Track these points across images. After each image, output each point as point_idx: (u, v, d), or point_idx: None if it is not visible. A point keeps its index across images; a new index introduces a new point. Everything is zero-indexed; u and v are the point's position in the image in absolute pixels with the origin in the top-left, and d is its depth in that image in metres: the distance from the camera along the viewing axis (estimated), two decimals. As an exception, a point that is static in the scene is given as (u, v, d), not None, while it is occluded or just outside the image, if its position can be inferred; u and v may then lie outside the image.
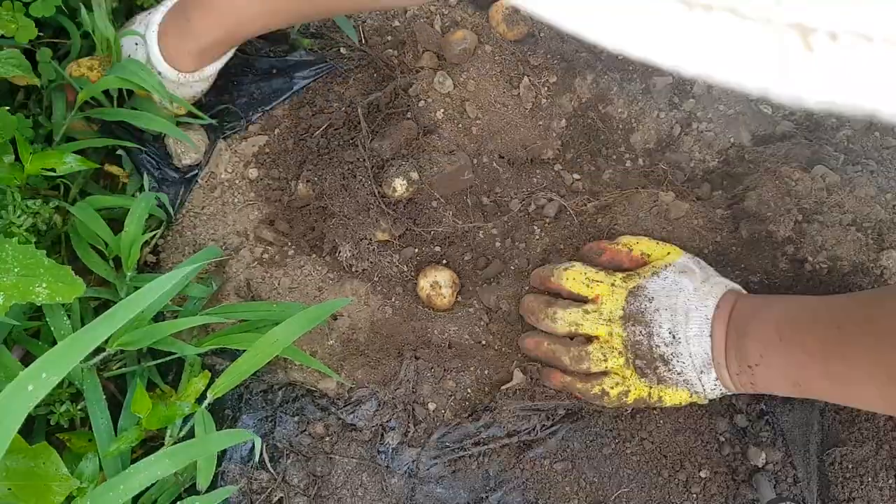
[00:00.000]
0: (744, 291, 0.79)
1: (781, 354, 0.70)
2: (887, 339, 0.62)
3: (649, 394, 0.77)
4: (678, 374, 0.75)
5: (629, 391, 0.77)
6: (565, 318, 0.79)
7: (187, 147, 0.89)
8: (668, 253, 0.81)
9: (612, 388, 0.77)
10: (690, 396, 0.77)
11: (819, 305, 0.72)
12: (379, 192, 0.89)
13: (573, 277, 0.80)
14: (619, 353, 0.77)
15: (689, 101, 0.96)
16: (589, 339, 0.78)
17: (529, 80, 0.95)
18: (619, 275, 0.80)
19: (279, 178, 0.91)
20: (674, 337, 0.74)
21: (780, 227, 0.84)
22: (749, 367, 0.72)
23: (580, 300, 0.80)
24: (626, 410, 0.80)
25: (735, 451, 0.79)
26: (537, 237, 0.90)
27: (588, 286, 0.79)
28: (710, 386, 0.75)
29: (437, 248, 0.91)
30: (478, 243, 0.92)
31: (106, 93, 0.86)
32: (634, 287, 0.78)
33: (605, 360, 0.77)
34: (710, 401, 0.79)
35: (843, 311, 0.69)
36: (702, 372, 0.74)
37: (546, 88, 0.96)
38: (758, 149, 0.92)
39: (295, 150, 0.92)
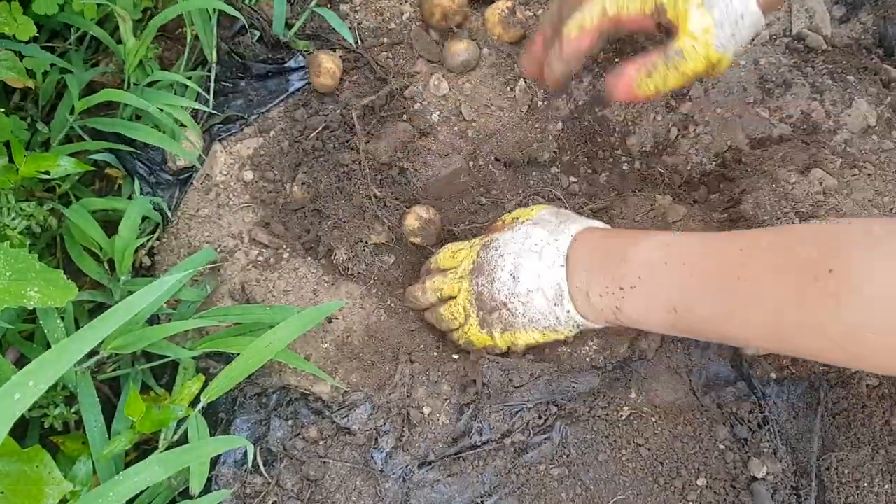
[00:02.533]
0: (602, 226, 0.80)
1: (664, 276, 0.69)
2: (796, 262, 0.60)
3: (502, 340, 0.81)
4: (522, 314, 0.78)
5: (477, 341, 0.83)
6: (430, 287, 0.85)
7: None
8: (533, 210, 0.84)
9: (471, 339, 0.83)
10: (543, 335, 0.79)
11: (717, 234, 0.72)
12: (374, 195, 0.88)
13: (442, 256, 0.87)
14: (464, 307, 0.82)
15: (686, 104, 0.96)
16: (449, 301, 0.84)
17: (526, 83, 0.95)
18: (481, 237, 0.85)
19: (274, 181, 0.91)
20: (514, 278, 0.77)
21: None
22: (621, 288, 0.71)
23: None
24: (622, 416, 0.79)
25: (736, 458, 0.79)
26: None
27: (453, 257, 0.86)
28: (564, 317, 0.76)
29: (432, 249, 0.91)
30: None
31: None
32: (488, 241, 0.82)
33: (455, 318, 0.83)
34: (574, 336, 0.80)
35: (746, 237, 0.67)
36: (555, 304, 0.76)
37: (542, 91, 0.96)
38: (755, 152, 0.92)
39: (290, 152, 0.92)
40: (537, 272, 0.76)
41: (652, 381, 0.81)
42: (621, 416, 0.79)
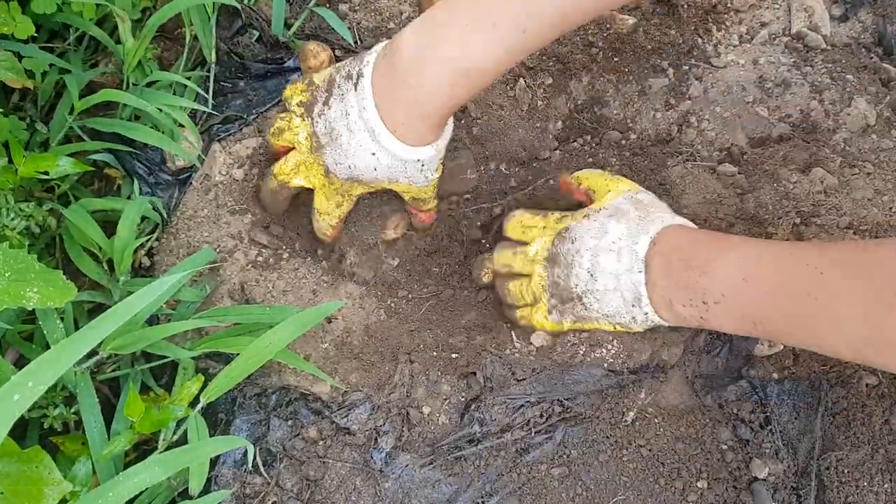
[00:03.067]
0: (692, 225, 0.80)
1: (744, 294, 0.70)
2: (876, 277, 0.62)
3: (566, 328, 0.82)
4: (597, 310, 0.79)
5: (542, 326, 0.84)
6: (499, 260, 0.87)
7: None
8: (609, 191, 0.83)
9: (537, 324, 0.84)
10: (616, 328, 0.80)
11: (789, 247, 0.72)
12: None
13: (512, 226, 0.87)
14: (535, 291, 0.83)
15: (686, 103, 0.96)
16: (519, 277, 0.85)
17: (525, 83, 0.95)
18: (555, 216, 0.85)
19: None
20: (591, 276, 0.78)
21: (778, 229, 0.84)
22: (705, 302, 0.73)
23: (521, 244, 0.86)
24: (627, 419, 0.79)
25: (737, 459, 0.79)
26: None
27: (523, 232, 0.86)
28: (641, 318, 0.77)
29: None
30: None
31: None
32: (563, 229, 0.82)
33: (523, 298, 0.85)
34: (647, 330, 0.80)
35: (814, 251, 0.69)
36: (633, 305, 0.77)
37: (542, 90, 0.96)
38: (755, 151, 0.92)
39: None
40: (615, 273, 0.77)
41: (664, 384, 0.81)
42: (626, 419, 0.79)
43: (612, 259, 0.77)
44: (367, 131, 0.75)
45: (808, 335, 0.68)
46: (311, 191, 0.86)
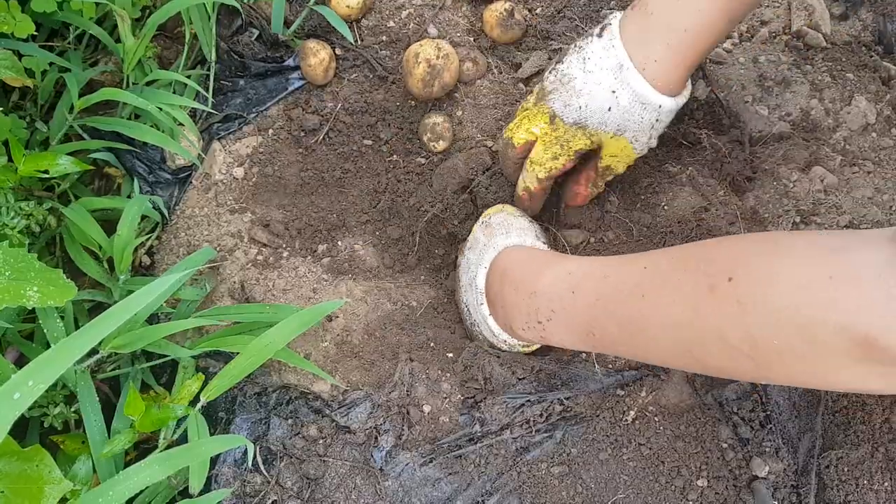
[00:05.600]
0: (528, 244, 0.82)
1: (573, 305, 0.71)
2: (701, 267, 0.61)
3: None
4: (484, 340, 0.84)
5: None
6: None
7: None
8: (480, 220, 0.88)
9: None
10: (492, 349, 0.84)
11: (619, 257, 0.74)
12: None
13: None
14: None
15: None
16: None
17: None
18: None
19: (273, 178, 0.91)
20: (468, 311, 0.86)
21: (778, 228, 0.84)
22: (539, 322, 0.74)
23: None
24: (628, 418, 0.79)
25: (737, 457, 0.79)
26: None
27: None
28: (506, 345, 0.82)
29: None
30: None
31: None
32: (457, 265, 0.91)
33: None
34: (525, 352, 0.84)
35: (648, 257, 0.68)
36: (493, 335, 0.82)
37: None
38: (755, 149, 0.92)
39: (290, 150, 0.92)
40: (473, 307, 0.83)
41: (664, 383, 0.81)
42: (626, 417, 0.79)
43: (471, 294, 0.84)
44: (609, 70, 0.75)
45: (640, 340, 0.67)
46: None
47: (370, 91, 0.95)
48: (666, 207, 0.88)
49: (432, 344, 0.84)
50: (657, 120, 0.77)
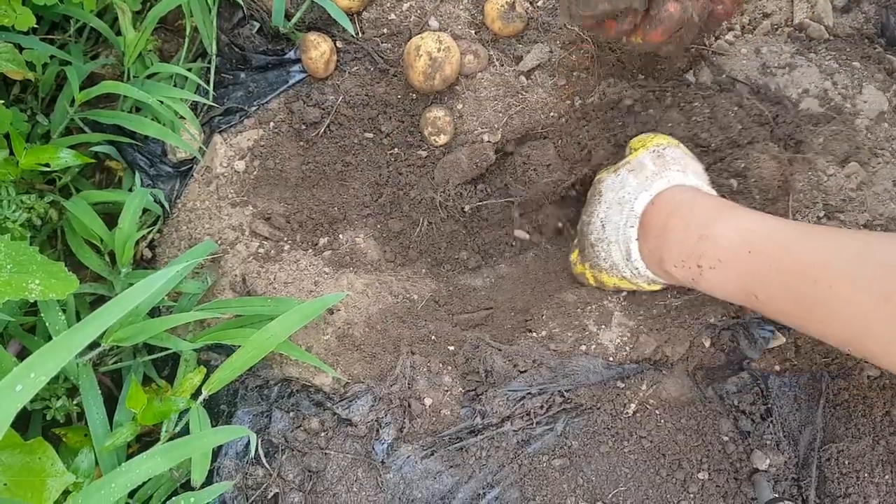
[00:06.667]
0: (705, 189, 0.80)
1: (746, 265, 0.70)
2: (872, 277, 0.61)
3: (591, 276, 0.87)
4: (604, 259, 0.83)
5: (574, 266, 0.90)
6: None
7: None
8: (642, 146, 0.85)
9: (571, 259, 0.91)
10: (620, 281, 0.84)
11: (800, 228, 0.71)
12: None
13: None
14: (575, 238, 0.89)
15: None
16: None
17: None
18: (605, 169, 0.89)
19: (275, 171, 0.91)
20: (602, 226, 0.83)
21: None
22: (699, 266, 0.73)
23: None
24: (628, 411, 0.80)
25: (738, 450, 0.79)
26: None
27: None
28: (634, 272, 0.81)
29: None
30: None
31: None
32: (597, 180, 0.88)
33: (570, 244, 0.91)
34: (653, 292, 0.84)
35: (830, 238, 0.67)
36: (627, 259, 0.81)
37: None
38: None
39: (291, 143, 0.92)
40: (618, 226, 0.81)
41: (665, 376, 0.81)
42: (628, 410, 0.80)
43: (617, 211, 0.81)
44: None
45: (813, 320, 0.67)
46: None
47: (371, 84, 0.95)
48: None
49: (433, 337, 0.84)
50: None
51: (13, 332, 0.77)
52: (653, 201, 0.79)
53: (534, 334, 0.84)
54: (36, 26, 0.83)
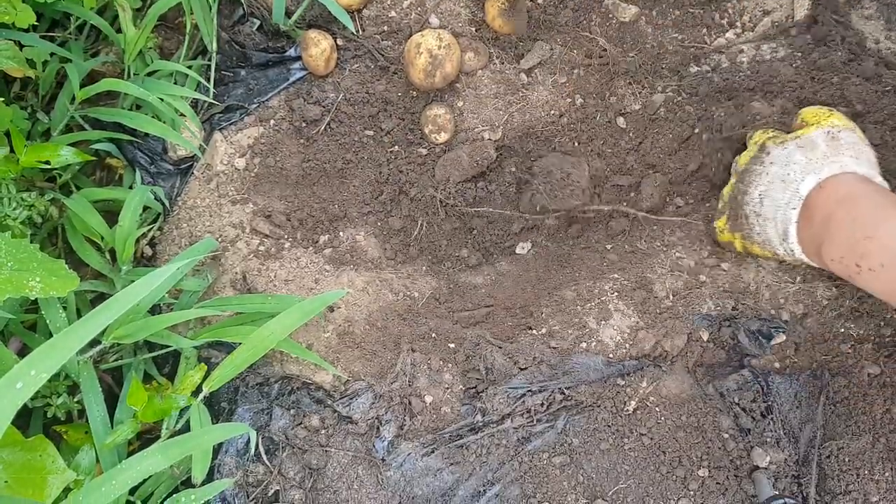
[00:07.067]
0: (878, 180, 0.76)
1: None
2: None
3: (740, 245, 0.85)
4: (757, 234, 0.81)
5: (721, 233, 0.86)
6: (739, 161, 0.87)
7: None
8: (815, 123, 0.81)
9: (717, 226, 0.87)
10: (773, 256, 0.82)
11: None
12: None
13: (751, 136, 0.87)
14: (725, 201, 0.86)
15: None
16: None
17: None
18: (769, 133, 0.84)
19: (275, 169, 0.91)
20: (760, 201, 0.80)
21: None
22: (858, 265, 0.70)
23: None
24: (628, 409, 0.80)
25: (739, 447, 0.79)
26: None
27: (753, 140, 0.86)
28: (786, 252, 0.79)
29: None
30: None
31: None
32: (760, 148, 0.83)
33: (719, 203, 0.87)
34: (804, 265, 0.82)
35: None
36: (783, 239, 0.78)
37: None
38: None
39: (292, 140, 0.92)
40: (777, 203, 0.78)
41: (666, 373, 0.81)
42: (628, 407, 0.80)
43: (779, 189, 0.78)
44: None
45: None
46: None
47: (371, 81, 0.95)
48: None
49: (434, 334, 0.84)
50: None
51: (14, 330, 0.77)
52: (821, 185, 0.75)
53: (534, 332, 0.84)
54: (36, 24, 0.83)
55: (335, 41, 0.95)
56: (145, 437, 0.80)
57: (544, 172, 0.93)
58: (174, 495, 0.65)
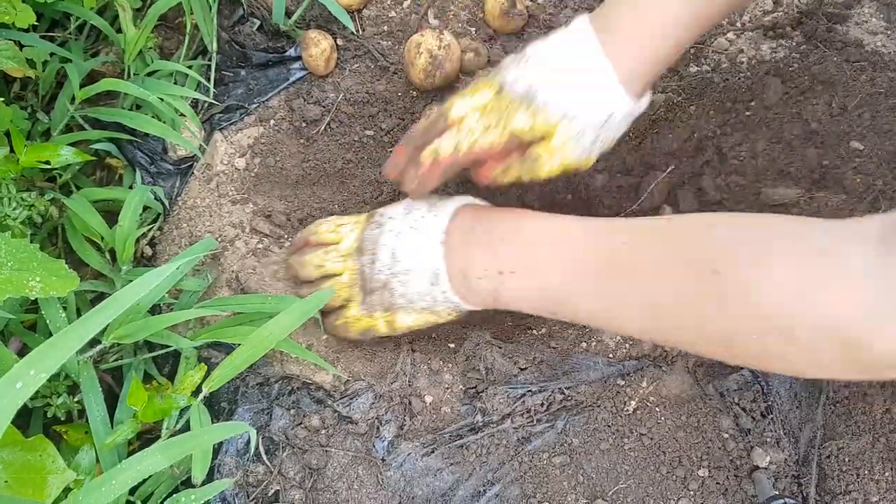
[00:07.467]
0: (485, 204, 0.78)
1: (546, 265, 0.68)
2: (678, 260, 0.59)
3: (384, 324, 0.78)
4: (401, 295, 0.75)
5: (357, 322, 0.78)
6: (311, 262, 0.80)
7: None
8: (361, 222, 0.80)
9: (348, 322, 0.79)
10: (420, 316, 0.77)
11: (600, 224, 0.68)
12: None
13: (323, 229, 0.81)
14: (349, 286, 0.78)
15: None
16: (332, 278, 0.79)
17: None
18: (366, 215, 0.81)
19: (275, 169, 0.91)
20: (393, 257, 0.74)
21: None
22: (500, 273, 0.70)
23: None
24: (629, 409, 0.80)
25: (738, 447, 0.79)
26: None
27: (334, 231, 0.80)
28: (441, 298, 0.74)
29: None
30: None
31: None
32: (370, 216, 0.79)
33: (338, 296, 0.78)
34: (450, 320, 0.78)
35: (628, 229, 0.65)
36: (433, 284, 0.74)
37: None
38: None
39: (292, 140, 0.92)
40: (415, 249, 0.74)
41: (666, 373, 0.81)
42: (628, 407, 0.80)
43: (412, 236, 0.74)
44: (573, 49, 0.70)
45: (614, 314, 0.65)
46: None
47: (372, 81, 0.95)
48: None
49: (433, 334, 0.84)
50: (611, 115, 0.71)
51: (14, 330, 0.77)
52: (455, 214, 0.75)
53: (534, 332, 0.84)
54: (36, 24, 0.83)
55: (335, 41, 0.95)
56: (145, 437, 0.80)
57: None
58: (174, 495, 0.65)
